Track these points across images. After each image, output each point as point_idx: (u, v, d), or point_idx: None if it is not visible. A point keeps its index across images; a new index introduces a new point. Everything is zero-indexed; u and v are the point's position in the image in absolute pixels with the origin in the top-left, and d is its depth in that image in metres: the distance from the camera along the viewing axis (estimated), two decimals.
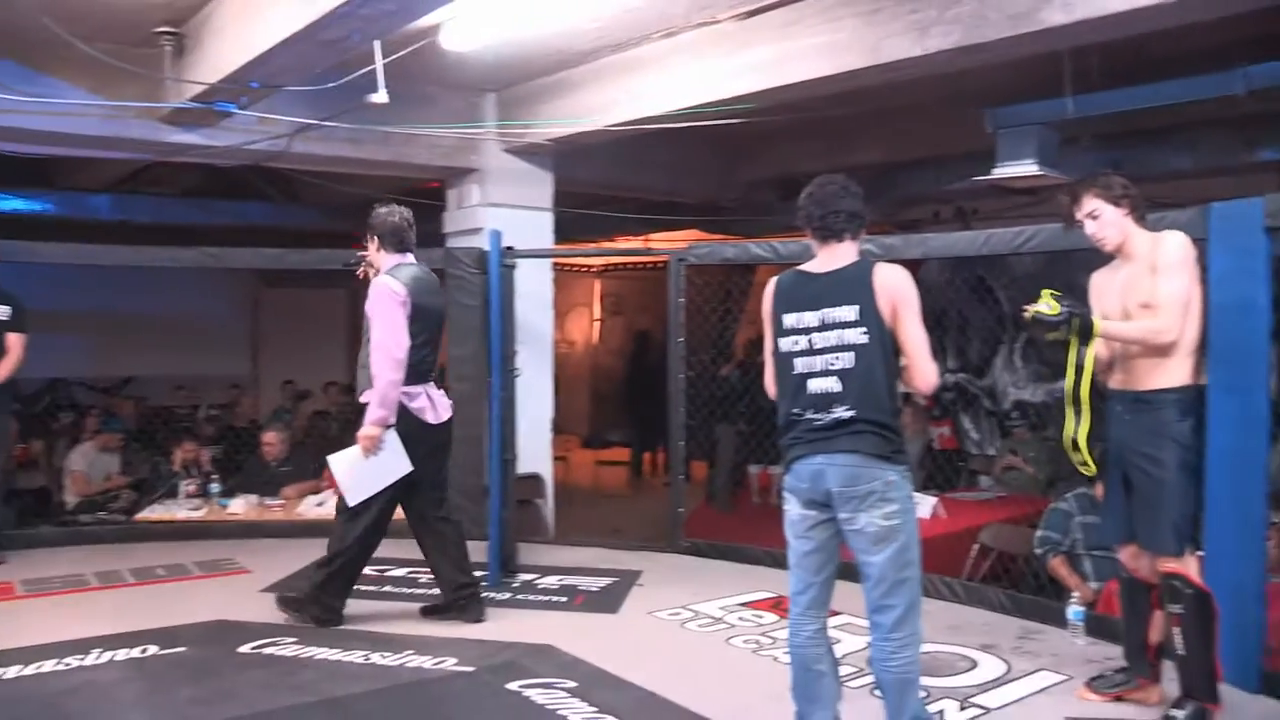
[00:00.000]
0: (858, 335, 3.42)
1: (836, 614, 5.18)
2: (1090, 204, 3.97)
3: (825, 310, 3.48)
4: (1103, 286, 4.08)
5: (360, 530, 5.07)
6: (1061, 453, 4.30)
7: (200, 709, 4.07)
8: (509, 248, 6.59)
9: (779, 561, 6.29)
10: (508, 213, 7.79)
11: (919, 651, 3.47)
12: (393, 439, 5.00)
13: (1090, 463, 3.98)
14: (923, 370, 3.43)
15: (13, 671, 4.45)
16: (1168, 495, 3.83)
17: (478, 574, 5.52)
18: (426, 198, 8.86)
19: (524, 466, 6.77)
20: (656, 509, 9.60)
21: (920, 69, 5.48)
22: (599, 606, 5.59)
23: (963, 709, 4.09)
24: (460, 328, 7.09)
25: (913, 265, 4.30)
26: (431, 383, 5.19)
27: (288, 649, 4.77)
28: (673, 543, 6.82)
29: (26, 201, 10.50)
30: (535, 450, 7.54)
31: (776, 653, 4.74)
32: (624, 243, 12.49)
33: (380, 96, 5.69)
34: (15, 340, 6.37)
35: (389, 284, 5.01)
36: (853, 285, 3.46)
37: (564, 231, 8.57)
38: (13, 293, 6.49)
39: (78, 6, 5.81)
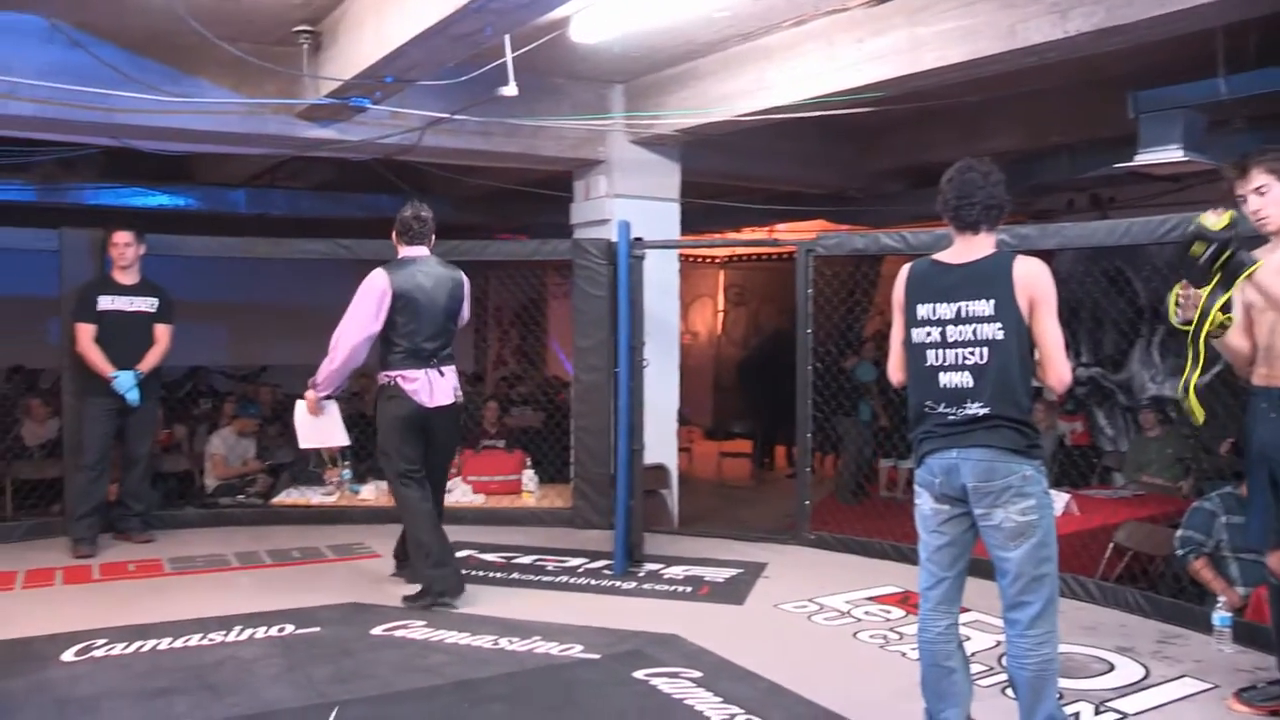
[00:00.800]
0: (994, 331, 3.34)
1: (966, 611, 5.13)
2: (1259, 179, 3.73)
3: (961, 303, 3.40)
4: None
5: (407, 507, 5.38)
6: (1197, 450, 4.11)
7: (337, 687, 4.18)
8: (638, 239, 6.60)
9: (906, 556, 6.25)
10: (635, 204, 7.80)
11: (1056, 650, 3.38)
12: (333, 410, 5.71)
13: (1197, 413, 3.71)
14: (1057, 368, 3.34)
15: (165, 643, 4.67)
16: None
17: (603, 563, 5.58)
18: (553, 189, 8.97)
19: (649, 457, 6.78)
20: (780, 501, 9.57)
21: (1060, 52, 5.29)
22: (724, 597, 5.58)
23: (1099, 712, 3.97)
24: (586, 318, 7.15)
25: (1045, 256, 4.14)
26: (437, 368, 5.40)
27: (418, 632, 4.87)
28: (799, 535, 6.76)
29: (170, 197, 10.93)
30: (661, 441, 7.54)
31: (904, 648, 4.68)
32: (749, 234, 12.42)
33: (510, 90, 5.75)
34: (162, 331, 6.63)
35: (373, 275, 5.40)
36: (990, 279, 3.37)
37: (688, 222, 8.55)
38: (160, 285, 6.75)
39: (221, 8, 6.00)
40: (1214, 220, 3.47)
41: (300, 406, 5.71)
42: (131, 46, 6.46)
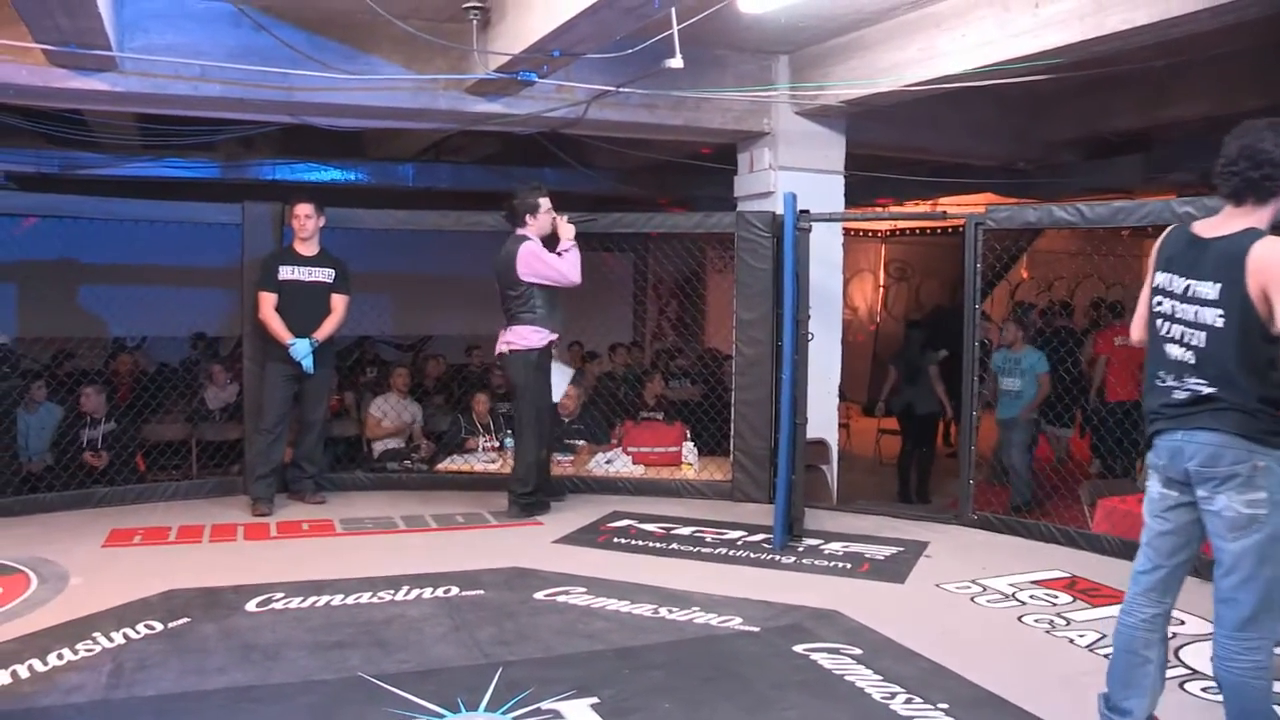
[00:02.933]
0: (1214, 317, 3.15)
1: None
2: None
3: (1192, 281, 3.21)
4: None
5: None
6: None
7: (500, 649, 4.27)
8: (804, 211, 6.52)
9: (1074, 540, 6.07)
10: (799, 176, 7.72)
11: (1271, 659, 3.17)
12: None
13: None
14: None
15: (338, 599, 4.87)
16: None
17: (762, 536, 5.62)
18: (716, 161, 8.94)
19: (810, 432, 6.72)
20: (940, 479, 9.39)
21: (1257, 8, 4.98)
22: (885, 575, 5.49)
23: None
24: (750, 291, 7.11)
25: None
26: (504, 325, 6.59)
27: (580, 598, 4.95)
28: (961, 515, 6.61)
29: (342, 172, 11.32)
30: (822, 416, 7.46)
31: (1071, 635, 4.53)
32: (913, 207, 12.18)
33: (676, 62, 5.73)
34: (339, 300, 6.85)
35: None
36: (1224, 260, 3.14)
37: (850, 195, 8.41)
38: (338, 257, 6.98)
39: None
40: None
41: (560, 365, 6.75)
42: (310, 27, 6.72)
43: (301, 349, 6.62)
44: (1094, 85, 7.80)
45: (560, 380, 6.87)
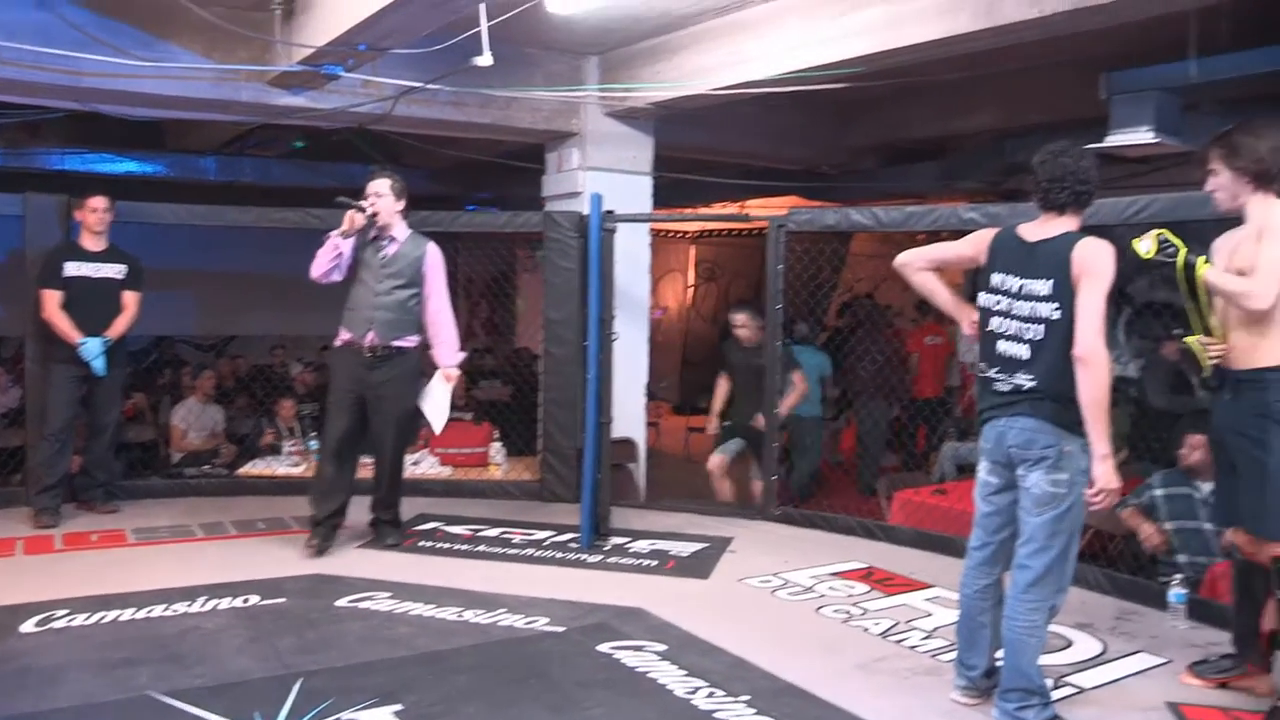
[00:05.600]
0: (1049, 310, 3.50)
1: (928, 587, 5.20)
2: (1210, 162, 3.84)
3: (1025, 280, 3.57)
4: (1219, 249, 3.88)
5: None
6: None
7: (301, 657, 4.16)
8: (609, 211, 6.57)
9: (871, 532, 6.30)
10: (607, 177, 7.77)
11: (1046, 621, 3.58)
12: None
13: (1205, 365, 3.81)
14: (1081, 336, 3.42)
15: (127, 614, 4.64)
16: (1273, 479, 3.62)
17: (570, 536, 5.73)
18: (524, 160, 8.91)
19: (617, 431, 6.78)
20: (746, 476, 9.59)
21: (1036, 31, 5.28)
22: (690, 572, 5.59)
23: (1056, 687, 3.98)
24: (557, 291, 7.13)
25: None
26: None
27: (383, 604, 4.86)
28: (764, 510, 6.78)
29: (140, 163, 10.80)
30: (629, 415, 7.53)
31: (867, 624, 4.72)
32: (720, 209, 12.40)
33: (485, 60, 5.69)
34: (131, 298, 6.53)
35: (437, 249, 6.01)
36: (1053, 259, 3.52)
37: (660, 196, 8.52)
38: (129, 252, 6.65)
39: None
40: (1144, 249, 3.71)
41: (444, 386, 5.85)
42: (100, 8, 6.36)
43: (93, 349, 6.28)
44: (894, 95, 8.11)
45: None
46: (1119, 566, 5.55)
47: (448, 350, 5.89)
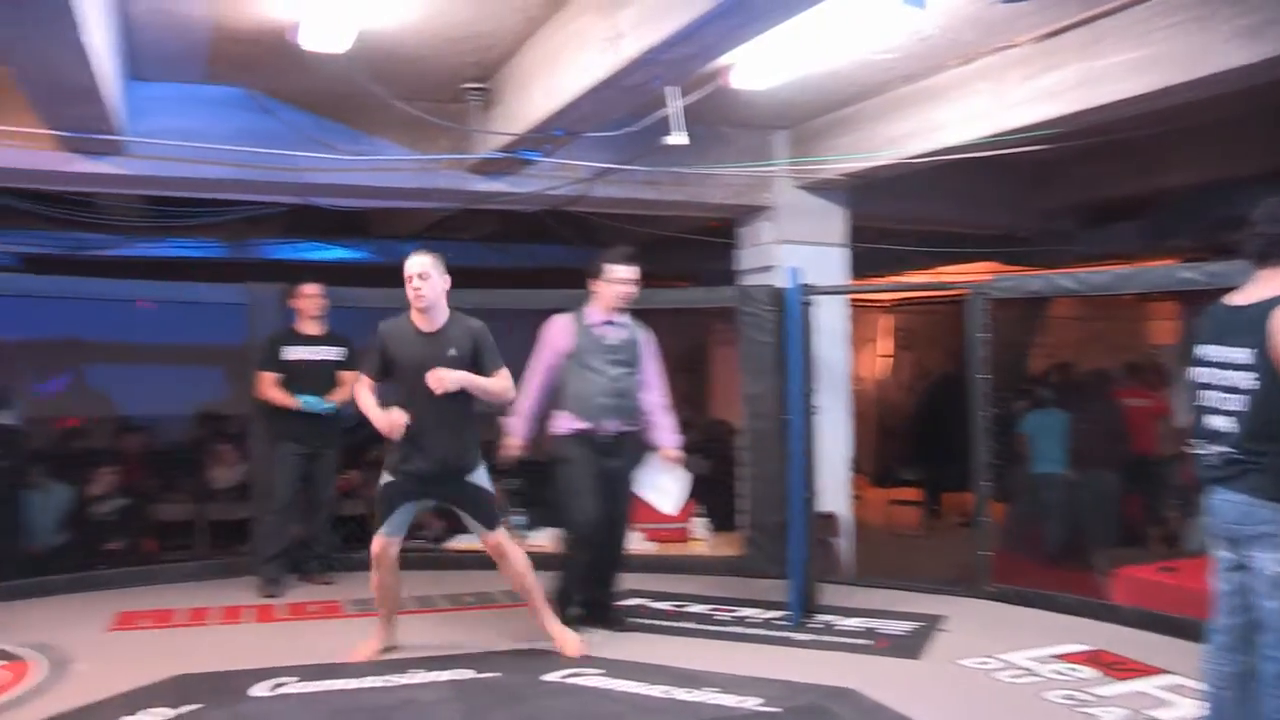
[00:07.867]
0: (1248, 381, 3.30)
1: (1163, 673, 4.85)
2: None
3: (1227, 349, 3.39)
4: None
5: None
6: None
7: None
8: (806, 284, 6.53)
9: (1094, 611, 5.96)
10: (800, 249, 7.76)
11: None
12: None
13: None
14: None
15: (341, 684, 4.79)
16: None
17: (775, 614, 5.73)
18: (715, 236, 8.99)
19: (821, 505, 6.67)
20: (953, 551, 9.27)
21: (1251, 78, 5.05)
22: (902, 651, 5.41)
23: None
24: (755, 365, 7.10)
25: None
26: None
27: (592, 680, 4.87)
28: (977, 587, 6.52)
29: (348, 251, 11.37)
30: (832, 488, 7.42)
31: (1096, 711, 4.45)
32: (915, 277, 12.21)
33: (679, 138, 5.81)
34: (348, 375, 6.81)
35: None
36: (1253, 325, 3.30)
37: (853, 266, 8.44)
38: (345, 336, 6.97)
39: (396, 70, 6.26)
40: None
41: (669, 467, 5.89)
42: (315, 109, 6.82)
43: (313, 401, 6.61)
44: (1091, 153, 7.86)
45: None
46: None
47: (667, 432, 5.91)
